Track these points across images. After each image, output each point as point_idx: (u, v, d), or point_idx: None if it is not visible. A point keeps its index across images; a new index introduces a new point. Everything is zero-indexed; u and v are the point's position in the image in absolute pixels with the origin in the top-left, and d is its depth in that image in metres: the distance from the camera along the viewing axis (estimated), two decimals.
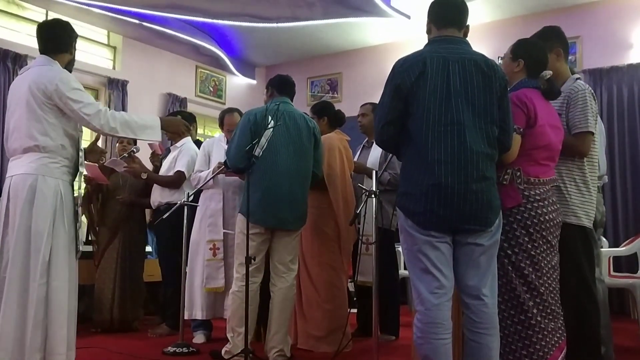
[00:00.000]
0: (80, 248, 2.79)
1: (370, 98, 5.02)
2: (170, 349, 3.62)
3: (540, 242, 2.39)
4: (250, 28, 6.81)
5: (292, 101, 3.58)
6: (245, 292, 3.09)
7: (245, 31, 6.99)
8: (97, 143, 3.46)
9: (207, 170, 4.03)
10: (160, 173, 4.50)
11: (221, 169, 3.69)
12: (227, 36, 7.27)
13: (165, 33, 6.69)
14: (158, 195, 4.40)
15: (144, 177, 4.38)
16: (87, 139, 6.64)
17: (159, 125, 2.90)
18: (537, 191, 2.41)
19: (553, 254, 2.44)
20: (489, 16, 6.48)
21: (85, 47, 6.67)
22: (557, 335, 2.39)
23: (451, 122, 2.16)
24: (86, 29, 6.64)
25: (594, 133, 2.63)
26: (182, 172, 4.31)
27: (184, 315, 3.86)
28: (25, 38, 5.96)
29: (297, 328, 3.83)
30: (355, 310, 4.21)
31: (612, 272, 4.59)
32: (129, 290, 4.54)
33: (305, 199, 3.44)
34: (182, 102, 7.34)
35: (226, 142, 4.07)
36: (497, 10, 6.37)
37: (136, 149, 4.49)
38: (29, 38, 5.88)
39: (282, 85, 3.56)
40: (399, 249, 4.38)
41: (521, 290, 2.36)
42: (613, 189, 5.84)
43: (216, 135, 4.68)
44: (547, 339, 2.36)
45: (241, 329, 3.16)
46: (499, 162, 2.31)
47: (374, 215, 3.12)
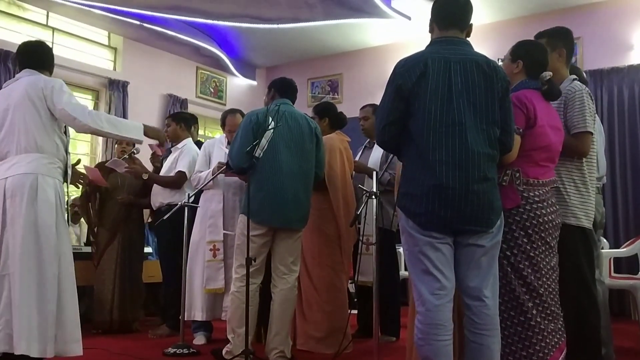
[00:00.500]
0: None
1: (370, 99, 5.02)
2: (171, 350, 3.62)
3: (539, 243, 2.38)
4: (250, 29, 6.82)
5: (294, 105, 3.57)
6: (245, 293, 3.09)
7: (245, 32, 7.00)
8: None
9: (207, 170, 4.04)
10: (161, 174, 4.50)
11: (222, 169, 3.69)
12: (227, 37, 7.27)
13: (165, 34, 6.69)
14: (159, 196, 4.40)
15: (145, 177, 4.39)
16: (87, 140, 6.68)
17: (142, 128, 3.15)
18: (536, 192, 2.40)
19: (552, 255, 2.44)
20: (489, 17, 6.49)
21: (86, 48, 6.67)
22: (557, 336, 2.39)
23: (452, 123, 2.16)
24: (87, 30, 6.65)
25: (593, 133, 2.63)
26: (184, 172, 4.31)
27: (184, 316, 3.86)
28: (27, 39, 5.93)
29: (297, 329, 3.82)
30: (355, 311, 4.20)
31: (612, 274, 4.58)
32: (129, 290, 4.54)
33: (308, 199, 3.43)
34: (183, 103, 7.33)
35: (227, 143, 4.07)
36: (498, 11, 6.38)
37: (136, 150, 4.49)
38: (30, 39, 5.87)
39: (285, 88, 3.56)
40: (400, 249, 4.41)
41: (520, 292, 2.36)
42: (613, 189, 5.84)
43: (217, 136, 4.68)
44: (547, 340, 2.35)
45: (241, 329, 3.16)
46: (499, 163, 2.31)
47: (374, 216, 3.11)
